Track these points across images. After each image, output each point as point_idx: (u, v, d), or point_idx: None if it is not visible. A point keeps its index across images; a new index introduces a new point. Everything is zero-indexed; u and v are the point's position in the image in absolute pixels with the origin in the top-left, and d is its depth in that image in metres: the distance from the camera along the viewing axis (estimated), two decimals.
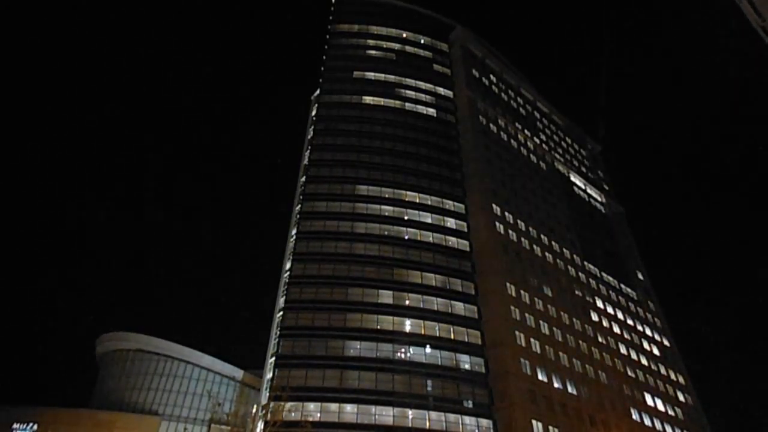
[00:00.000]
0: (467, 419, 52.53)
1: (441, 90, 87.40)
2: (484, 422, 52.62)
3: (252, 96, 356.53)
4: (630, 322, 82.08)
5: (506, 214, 73.28)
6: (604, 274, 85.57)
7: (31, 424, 65.01)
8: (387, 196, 69.07)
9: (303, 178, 71.39)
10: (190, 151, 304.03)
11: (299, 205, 67.83)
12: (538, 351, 60.14)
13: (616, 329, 77.26)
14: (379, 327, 56.81)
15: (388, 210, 67.61)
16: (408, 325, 58.03)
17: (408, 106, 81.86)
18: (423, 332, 57.57)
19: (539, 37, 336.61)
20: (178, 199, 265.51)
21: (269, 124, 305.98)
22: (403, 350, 55.98)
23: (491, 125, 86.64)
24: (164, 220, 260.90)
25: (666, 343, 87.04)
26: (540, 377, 57.48)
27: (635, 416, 66.20)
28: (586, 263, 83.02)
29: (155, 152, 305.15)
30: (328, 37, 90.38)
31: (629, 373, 71.84)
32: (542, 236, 77.46)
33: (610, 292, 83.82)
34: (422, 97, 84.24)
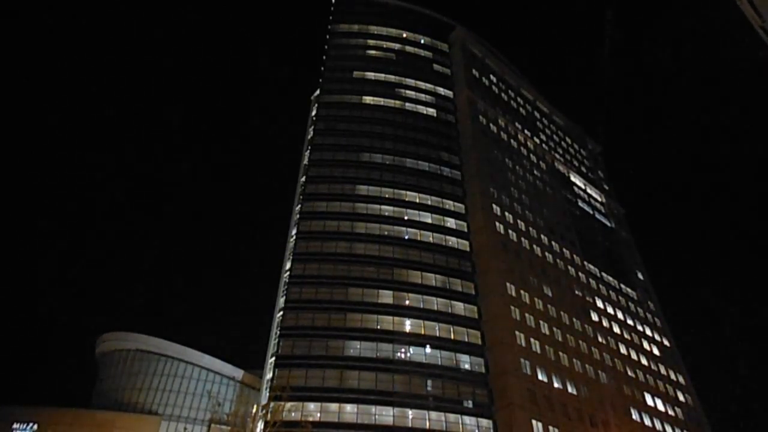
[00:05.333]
0: (467, 419, 52.52)
1: (441, 90, 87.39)
2: (484, 422, 52.60)
3: (252, 96, 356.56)
4: (630, 322, 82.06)
5: (506, 214, 73.27)
6: (604, 274, 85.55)
7: (31, 424, 64.93)
8: (387, 196, 69.05)
9: (303, 178, 71.38)
10: (190, 151, 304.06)
11: (299, 205, 67.82)
12: (538, 351, 60.12)
13: (616, 329, 77.24)
14: (379, 327, 56.80)
15: (388, 210, 67.59)
16: (408, 325, 58.02)
17: (408, 106, 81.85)
18: (423, 332, 57.55)
19: (539, 37, 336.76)
20: (178, 198, 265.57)
21: (269, 124, 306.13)
22: (403, 350, 55.97)
23: (491, 125, 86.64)
24: (164, 219, 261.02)
25: (666, 343, 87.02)
26: (540, 377, 57.48)
27: (635, 416, 66.19)
28: (586, 263, 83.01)
29: (155, 152, 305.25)
30: (328, 37, 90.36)
31: (629, 373, 71.82)
32: (542, 236, 77.45)
33: (610, 292, 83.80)
34: (422, 97, 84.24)
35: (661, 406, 72.40)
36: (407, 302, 59.68)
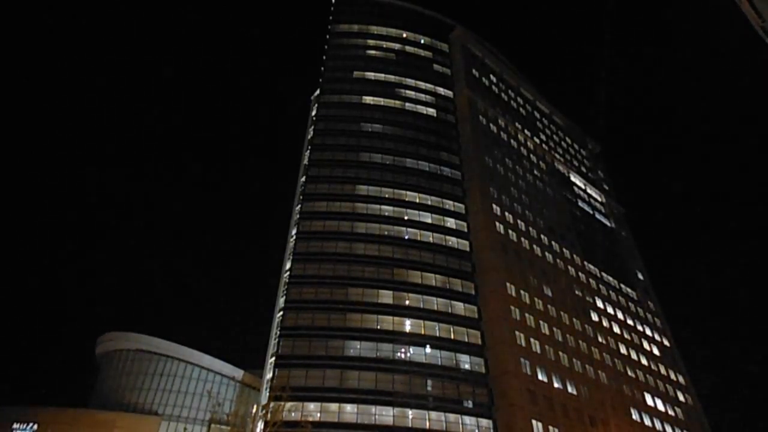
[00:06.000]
0: (467, 419, 52.53)
1: (441, 90, 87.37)
2: (484, 422, 52.61)
3: (252, 96, 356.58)
4: (630, 322, 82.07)
5: (506, 214, 73.26)
6: (604, 274, 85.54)
7: (31, 424, 64.97)
8: (387, 196, 69.05)
9: (303, 178, 71.37)
10: (191, 152, 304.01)
11: (299, 205, 67.81)
12: (538, 351, 60.13)
13: (616, 329, 77.25)
14: (379, 327, 56.80)
15: (388, 210, 67.58)
16: (408, 325, 58.02)
17: (408, 106, 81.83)
18: (423, 332, 57.56)
19: (539, 37, 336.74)
20: (178, 198, 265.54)
21: (269, 124, 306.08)
22: (403, 350, 55.97)
23: (491, 125, 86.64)
24: (164, 220, 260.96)
25: (666, 343, 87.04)
26: (540, 377, 57.48)
27: (635, 416, 66.22)
28: (586, 263, 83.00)
29: (156, 152, 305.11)
30: (328, 37, 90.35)
31: (629, 373, 71.84)
32: (542, 236, 77.44)
33: (610, 292, 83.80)
34: (422, 97, 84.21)
35: (661, 406, 72.42)
36: (407, 302, 59.67)
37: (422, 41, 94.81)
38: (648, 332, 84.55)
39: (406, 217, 67.61)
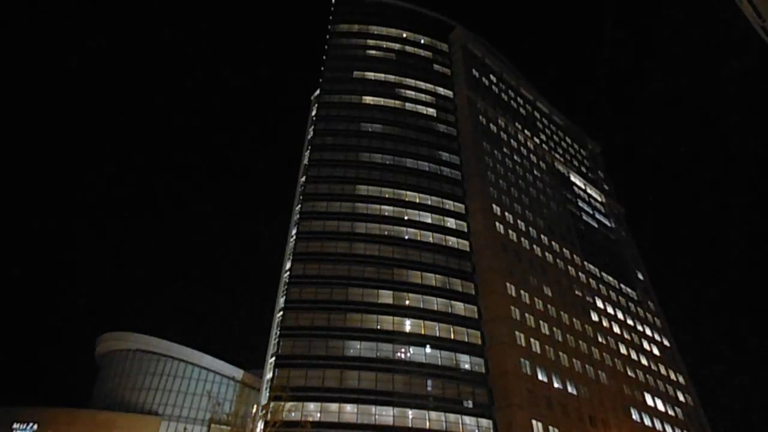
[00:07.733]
0: (467, 419, 52.52)
1: (441, 90, 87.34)
2: (484, 422, 52.59)
3: (252, 96, 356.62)
4: (630, 322, 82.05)
5: (506, 214, 73.26)
6: (604, 274, 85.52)
7: (31, 424, 65.01)
8: (387, 196, 69.01)
9: (303, 178, 71.36)
10: (190, 151, 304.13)
11: (299, 205, 67.79)
12: (538, 351, 60.12)
13: (616, 329, 77.23)
14: (379, 327, 56.78)
15: (388, 210, 67.56)
16: (408, 325, 58.01)
17: (408, 106, 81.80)
18: (423, 332, 57.54)
19: (539, 37, 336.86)
20: (178, 198, 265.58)
21: (269, 124, 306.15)
22: (403, 350, 55.96)
23: (491, 125, 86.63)
24: (164, 220, 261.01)
25: (666, 343, 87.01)
26: (540, 377, 57.47)
27: (635, 416, 66.19)
28: (586, 263, 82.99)
29: (156, 152, 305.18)
30: (328, 37, 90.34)
31: (629, 373, 71.82)
32: (542, 236, 77.44)
33: (610, 292, 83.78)
34: (422, 97, 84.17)
35: (661, 406, 72.39)
36: (407, 302, 59.65)
37: (422, 41, 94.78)
38: (648, 332, 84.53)
39: (406, 217, 67.59)
